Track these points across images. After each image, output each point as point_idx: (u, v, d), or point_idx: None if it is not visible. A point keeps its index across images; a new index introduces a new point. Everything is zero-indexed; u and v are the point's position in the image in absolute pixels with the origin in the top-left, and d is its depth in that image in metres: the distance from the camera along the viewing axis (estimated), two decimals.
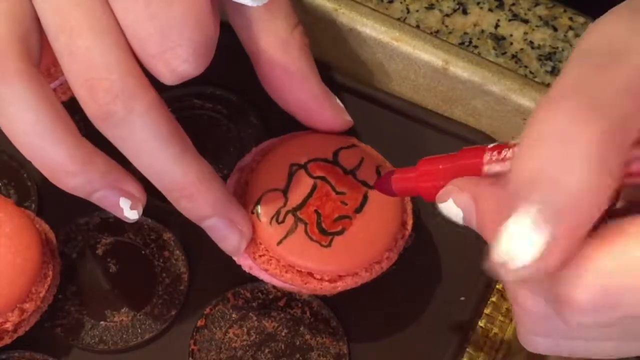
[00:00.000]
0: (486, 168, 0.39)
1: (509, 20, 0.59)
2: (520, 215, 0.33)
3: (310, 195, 0.49)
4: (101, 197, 0.46)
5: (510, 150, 0.38)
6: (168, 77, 0.43)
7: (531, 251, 0.33)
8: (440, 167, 0.42)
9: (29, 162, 0.54)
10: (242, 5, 0.46)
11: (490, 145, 0.40)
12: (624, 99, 0.33)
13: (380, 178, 0.46)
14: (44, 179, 0.54)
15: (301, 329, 0.51)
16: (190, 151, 0.45)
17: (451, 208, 0.40)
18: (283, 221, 0.49)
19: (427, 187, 0.42)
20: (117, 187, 0.46)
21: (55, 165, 0.44)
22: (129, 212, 0.47)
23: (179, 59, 0.42)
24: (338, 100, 0.52)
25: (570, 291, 0.33)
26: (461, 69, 0.55)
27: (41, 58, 0.45)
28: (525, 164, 0.34)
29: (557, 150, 0.33)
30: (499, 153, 0.39)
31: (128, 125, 0.42)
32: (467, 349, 0.51)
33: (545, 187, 0.33)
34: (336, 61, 0.56)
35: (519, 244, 0.33)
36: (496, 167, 0.39)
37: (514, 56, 0.58)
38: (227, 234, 0.47)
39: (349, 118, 0.52)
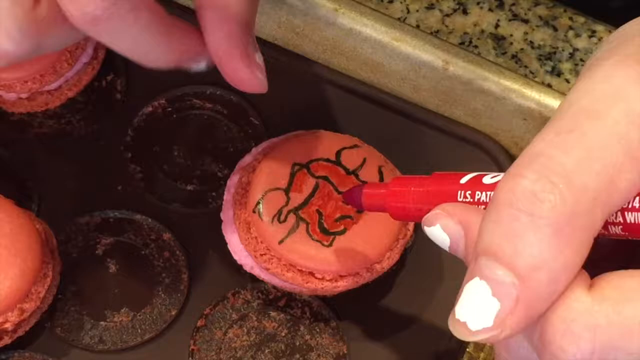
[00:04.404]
0: (461, 199, 0.38)
1: (509, 20, 0.59)
2: (479, 283, 0.33)
3: (312, 194, 0.49)
4: None
5: (484, 194, 0.37)
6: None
7: (487, 317, 0.32)
8: (412, 189, 0.40)
9: (29, 162, 0.54)
10: None
11: (464, 180, 0.38)
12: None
13: (350, 190, 0.45)
14: (44, 179, 0.54)
15: (301, 329, 0.51)
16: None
17: (438, 234, 0.37)
18: (285, 220, 0.49)
19: (396, 207, 0.41)
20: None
21: None
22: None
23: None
24: (260, 59, 0.45)
25: (556, 339, 0.32)
26: (461, 69, 0.55)
27: None
28: (490, 230, 0.33)
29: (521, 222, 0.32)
30: (472, 195, 0.37)
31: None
32: (467, 349, 0.51)
33: (505, 260, 0.32)
34: (336, 61, 0.56)
35: (477, 308, 0.33)
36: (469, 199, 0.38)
37: (514, 56, 0.58)
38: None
39: (264, 80, 0.45)
